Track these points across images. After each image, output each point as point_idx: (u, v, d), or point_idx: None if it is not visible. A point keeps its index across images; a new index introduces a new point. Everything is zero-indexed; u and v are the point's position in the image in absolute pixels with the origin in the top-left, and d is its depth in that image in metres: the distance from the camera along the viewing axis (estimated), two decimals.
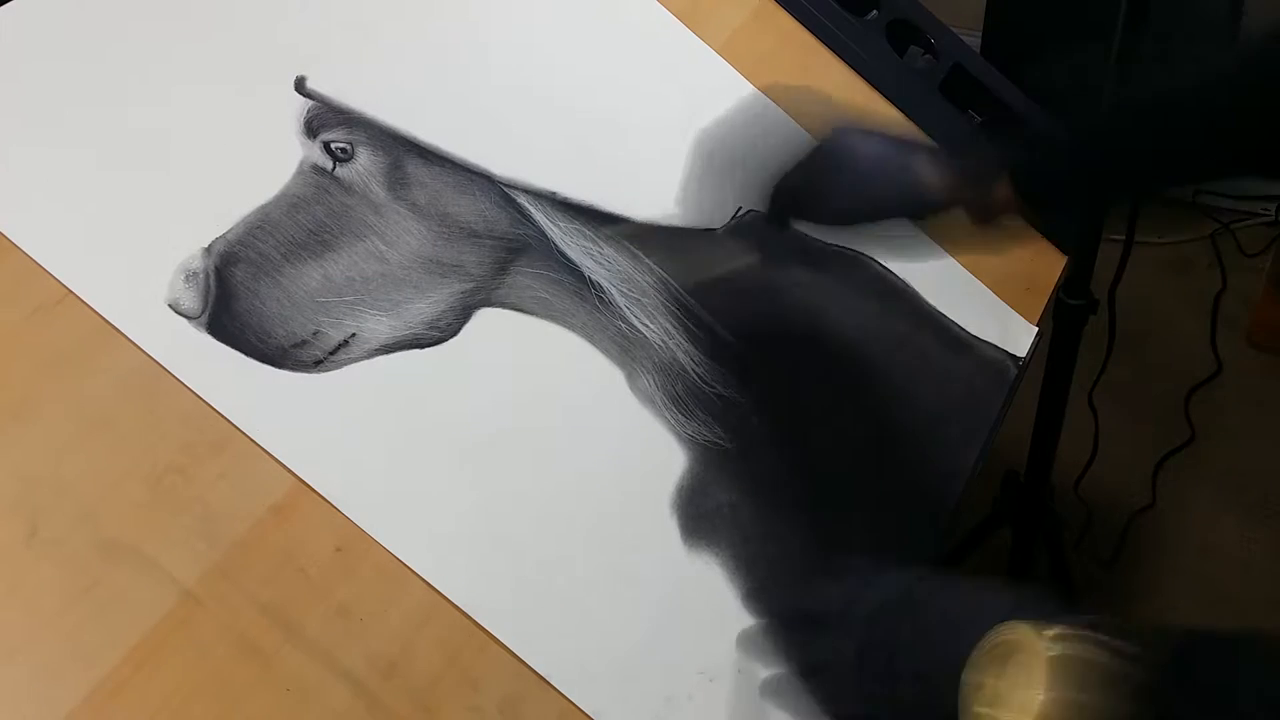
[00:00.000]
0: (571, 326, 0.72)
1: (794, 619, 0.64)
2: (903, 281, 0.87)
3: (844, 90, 0.95)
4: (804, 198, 0.75)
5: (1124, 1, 0.95)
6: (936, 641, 0.56)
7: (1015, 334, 0.90)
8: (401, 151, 0.72)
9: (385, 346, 0.66)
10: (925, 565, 0.63)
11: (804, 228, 0.78)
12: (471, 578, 0.62)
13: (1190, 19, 2.09)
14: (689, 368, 0.74)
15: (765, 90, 0.88)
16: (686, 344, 0.75)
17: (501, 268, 0.72)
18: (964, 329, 0.88)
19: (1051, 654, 0.51)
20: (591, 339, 0.73)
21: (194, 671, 0.54)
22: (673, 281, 0.77)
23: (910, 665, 0.56)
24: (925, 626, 0.57)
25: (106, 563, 0.55)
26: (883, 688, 0.57)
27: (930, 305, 0.87)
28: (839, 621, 0.60)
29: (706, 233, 0.81)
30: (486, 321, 0.70)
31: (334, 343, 0.65)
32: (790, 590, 0.66)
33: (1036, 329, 0.92)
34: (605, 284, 0.74)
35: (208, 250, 0.64)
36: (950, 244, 0.87)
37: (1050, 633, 0.51)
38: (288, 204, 0.67)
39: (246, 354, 0.62)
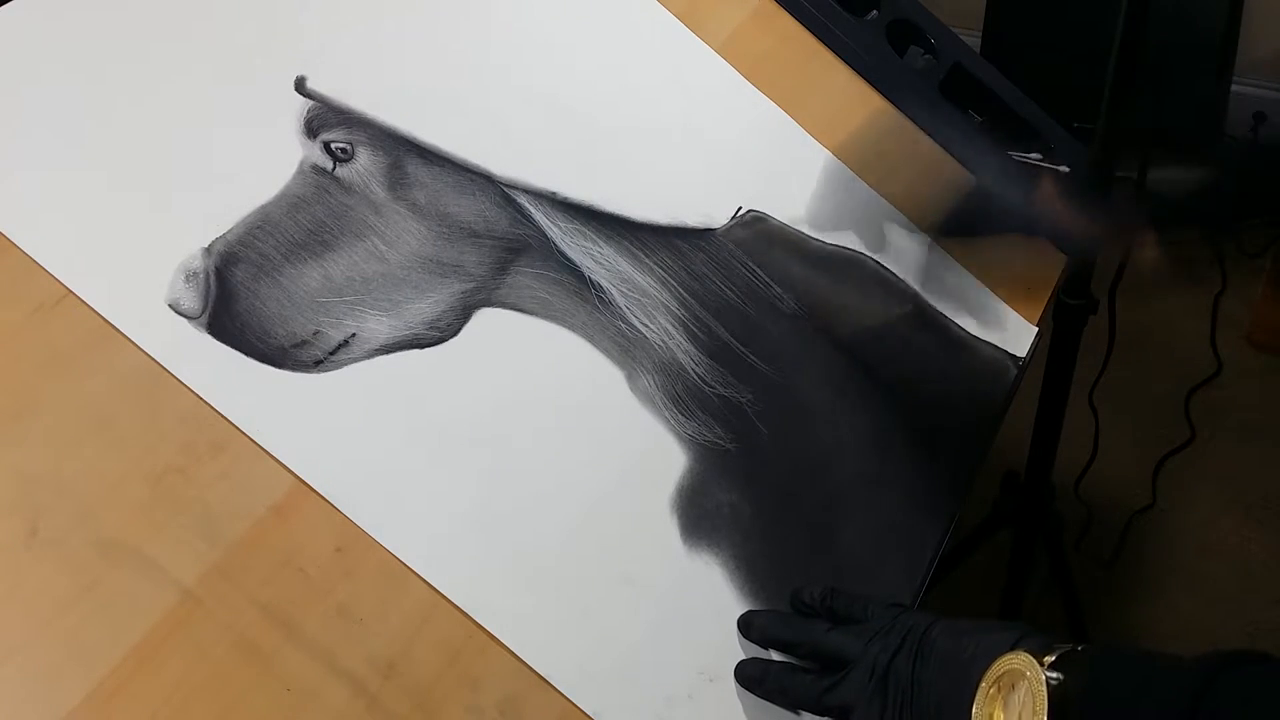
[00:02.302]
0: (571, 326, 0.72)
1: (812, 661, 0.65)
2: (903, 281, 0.87)
3: (844, 90, 0.95)
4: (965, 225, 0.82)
5: (1124, 2, 0.95)
6: (948, 680, 0.57)
7: (1015, 334, 0.90)
8: (402, 151, 0.72)
9: (385, 346, 0.66)
10: (933, 610, 0.65)
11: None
12: (471, 578, 0.62)
13: (1190, 18, 2.09)
14: (689, 368, 0.74)
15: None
16: (686, 344, 0.75)
17: (501, 268, 0.72)
18: (964, 329, 0.88)
19: (1052, 681, 0.51)
20: (591, 339, 0.73)
21: (194, 671, 0.54)
22: (672, 281, 0.77)
23: (926, 704, 0.58)
24: (938, 666, 0.59)
25: (106, 563, 0.55)
26: None
27: (930, 305, 0.87)
28: (859, 665, 0.62)
29: (705, 232, 0.81)
30: (486, 321, 0.70)
31: (334, 343, 0.65)
32: (805, 630, 0.66)
33: (1036, 329, 0.92)
34: (605, 284, 0.75)
35: (208, 250, 0.64)
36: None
37: (1050, 659, 0.52)
38: (288, 204, 0.67)
39: (247, 354, 0.62)
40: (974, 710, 0.55)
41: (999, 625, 0.59)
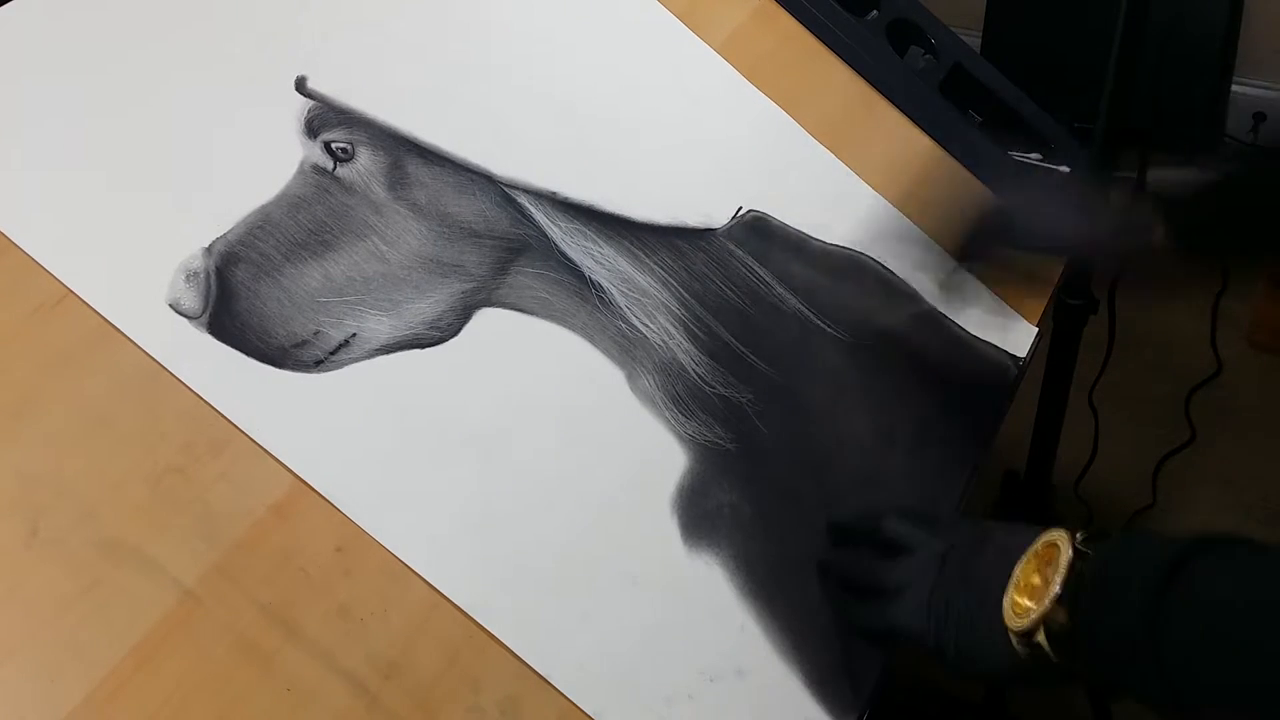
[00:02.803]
0: (572, 326, 0.72)
1: (879, 546, 0.70)
2: (903, 281, 0.87)
3: (844, 90, 0.95)
4: (992, 241, 0.84)
5: (1124, 2, 0.95)
6: (1002, 554, 0.63)
7: (1015, 334, 0.90)
8: (402, 151, 0.72)
9: (385, 346, 0.66)
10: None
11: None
12: (471, 578, 0.62)
13: (1190, 18, 2.09)
14: (689, 368, 0.74)
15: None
16: (686, 344, 0.75)
17: (502, 268, 0.72)
18: (964, 329, 0.88)
19: (1082, 551, 0.58)
20: (591, 339, 0.73)
21: (194, 671, 0.54)
22: (673, 281, 0.77)
23: (978, 573, 0.63)
24: (994, 548, 0.64)
25: (106, 563, 0.55)
26: (948, 608, 0.64)
27: (930, 305, 0.87)
28: (920, 553, 0.67)
29: (705, 232, 0.81)
30: (487, 321, 0.70)
31: (334, 343, 0.65)
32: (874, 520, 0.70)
33: (1036, 329, 0.92)
34: (605, 284, 0.75)
35: (208, 250, 0.64)
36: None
37: (1083, 535, 0.59)
38: (288, 204, 0.67)
39: (247, 354, 0.62)
40: (1015, 570, 0.61)
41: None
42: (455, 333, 0.69)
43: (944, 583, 0.65)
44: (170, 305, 0.62)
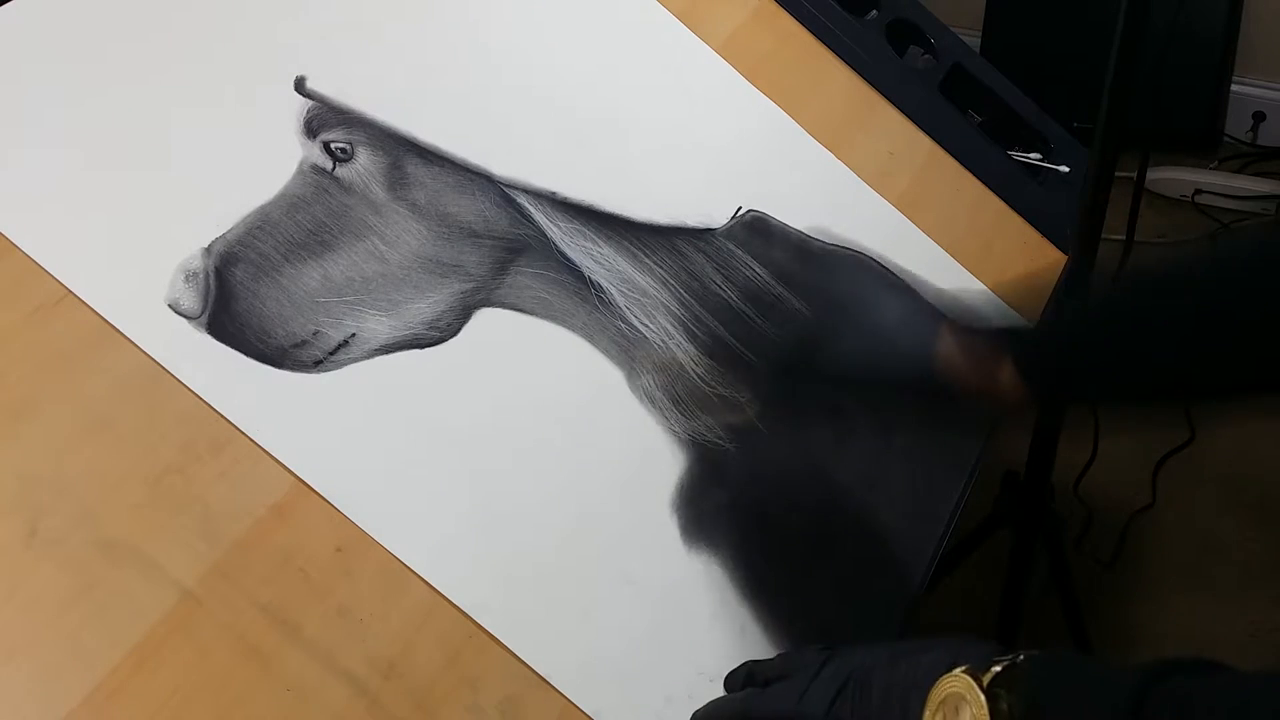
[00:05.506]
0: (571, 326, 0.72)
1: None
2: (903, 282, 0.87)
3: (844, 90, 0.95)
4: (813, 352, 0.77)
5: (1124, 2, 0.95)
6: (891, 715, 0.54)
7: None
8: (401, 151, 0.72)
9: (385, 346, 0.66)
10: (869, 641, 0.61)
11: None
12: (471, 578, 0.62)
13: (1190, 18, 2.09)
14: (689, 368, 0.74)
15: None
16: (686, 344, 0.75)
17: (501, 268, 0.72)
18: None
19: (999, 698, 0.49)
20: (591, 339, 0.73)
21: (194, 671, 0.54)
22: (672, 281, 0.77)
23: None
24: (880, 702, 0.55)
25: (106, 563, 0.55)
26: None
27: (930, 305, 0.87)
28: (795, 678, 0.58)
29: (705, 232, 0.81)
30: (486, 321, 0.70)
31: (334, 343, 0.65)
32: (733, 706, 0.63)
33: None
34: (605, 284, 0.75)
35: (208, 250, 0.64)
36: None
37: (988, 677, 0.50)
38: (287, 204, 0.67)
39: (246, 354, 0.62)
40: None
41: (934, 644, 0.55)
42: (455, 333, 0.69)
43: None
44: (169, 305, 0.62)
